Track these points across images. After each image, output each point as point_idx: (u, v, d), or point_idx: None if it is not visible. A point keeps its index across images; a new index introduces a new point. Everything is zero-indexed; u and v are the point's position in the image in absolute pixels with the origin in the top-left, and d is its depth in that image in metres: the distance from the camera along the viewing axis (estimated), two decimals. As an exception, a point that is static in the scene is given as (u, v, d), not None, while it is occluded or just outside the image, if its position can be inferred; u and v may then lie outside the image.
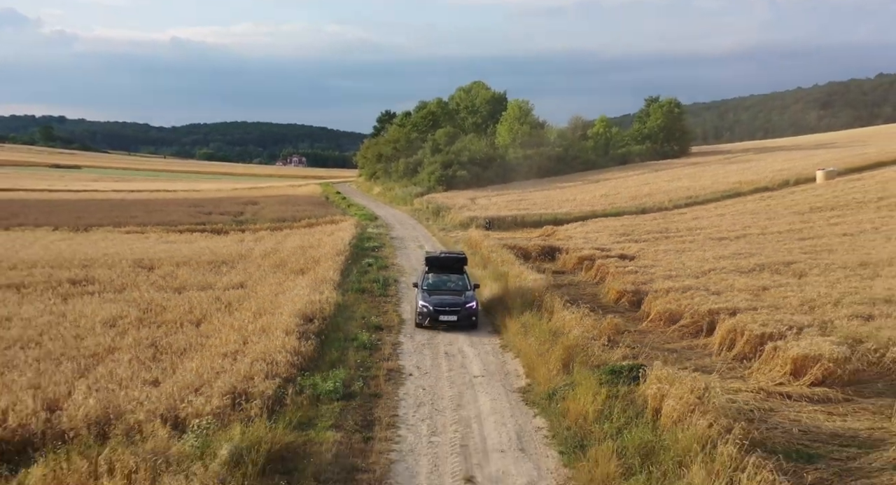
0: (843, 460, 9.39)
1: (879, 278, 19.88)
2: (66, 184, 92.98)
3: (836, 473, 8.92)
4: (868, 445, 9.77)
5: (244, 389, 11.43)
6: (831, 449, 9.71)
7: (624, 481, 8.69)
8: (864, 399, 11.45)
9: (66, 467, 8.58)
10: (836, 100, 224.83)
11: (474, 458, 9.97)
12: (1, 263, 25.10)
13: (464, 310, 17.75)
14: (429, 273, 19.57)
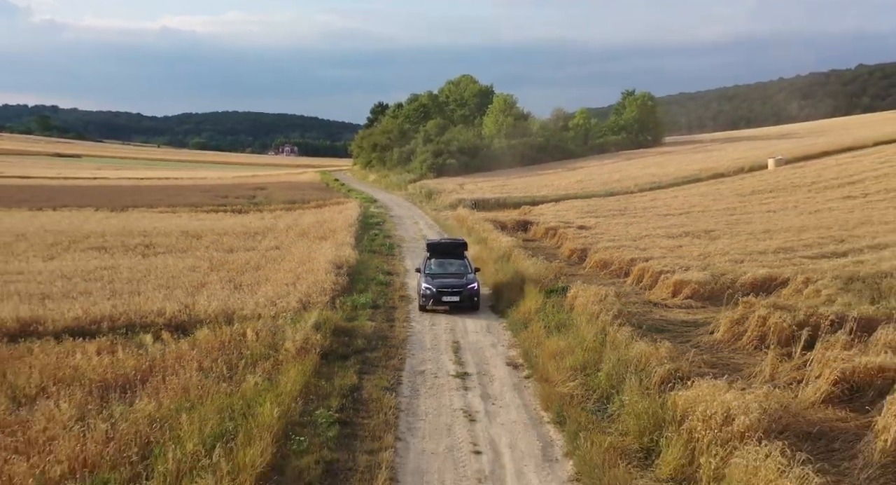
0: (681, 333, 15.59)
1: (771, 240, 26.12)
2: (74, 172, 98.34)
3: (673, 335, 15.11)
4: (699, 326, 15.98)
5: (307, 300, 17.54)
6: (677, 327, 15.92)
7: (546, 338, 14.89)
8: (712, 306, 17.64)
9: (218, 331, 14.69)
10: (816, 90, 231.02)
11: (459, 335, 16.18)
12: (76, 234, 31.09)
13: (466, 291, 18.87)
14: (430, 259, 20.54)
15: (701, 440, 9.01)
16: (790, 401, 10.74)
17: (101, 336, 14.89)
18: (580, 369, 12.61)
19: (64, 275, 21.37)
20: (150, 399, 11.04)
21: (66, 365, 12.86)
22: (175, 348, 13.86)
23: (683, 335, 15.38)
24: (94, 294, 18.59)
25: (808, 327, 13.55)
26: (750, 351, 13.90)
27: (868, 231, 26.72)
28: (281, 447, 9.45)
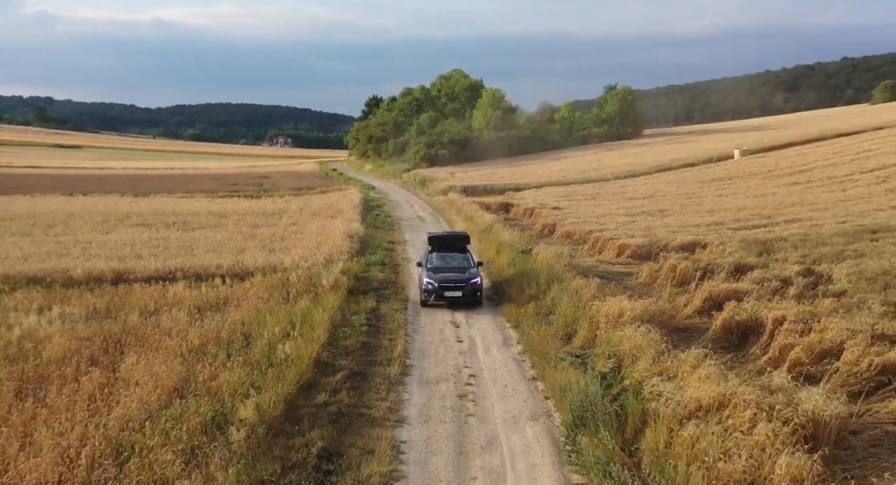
0: (617, 279, 20.77)
1: (711, 217, 31.33)
2: (78, 162, 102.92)
3: (609, 280, 20.29)
4: (631, 274, 21.17)
5: (330, 257, 22.66)
6: (614, 276, 21.11)
7: (514, 279, 20.08)
8: (644, 262, 22.84)
9: (268, 277, 19.81)
10: (801, 83, 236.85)
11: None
12: (117, 214, 36.10)
13: (468, 286, 18.78)
14: (432, 253, 20.53)
15: (601, 326, 14.24)
16: (674, 312, 15.98)
17: (178, 282, 19.97)
18: (535, 297, 17.82)
19: (126, 243, 26.41)
20: (236, 313, 16.17)
21: (165, 296, 17.98)
22: (239, 287, 18.98)
23: (618, 280, 20.57)
24: (159, 255, 23.65)
25: (704, 271, 18.82)
26: (661, 287, 19.14)
27: (794, 210, 32.01)
28: (331, 335, 14.63)
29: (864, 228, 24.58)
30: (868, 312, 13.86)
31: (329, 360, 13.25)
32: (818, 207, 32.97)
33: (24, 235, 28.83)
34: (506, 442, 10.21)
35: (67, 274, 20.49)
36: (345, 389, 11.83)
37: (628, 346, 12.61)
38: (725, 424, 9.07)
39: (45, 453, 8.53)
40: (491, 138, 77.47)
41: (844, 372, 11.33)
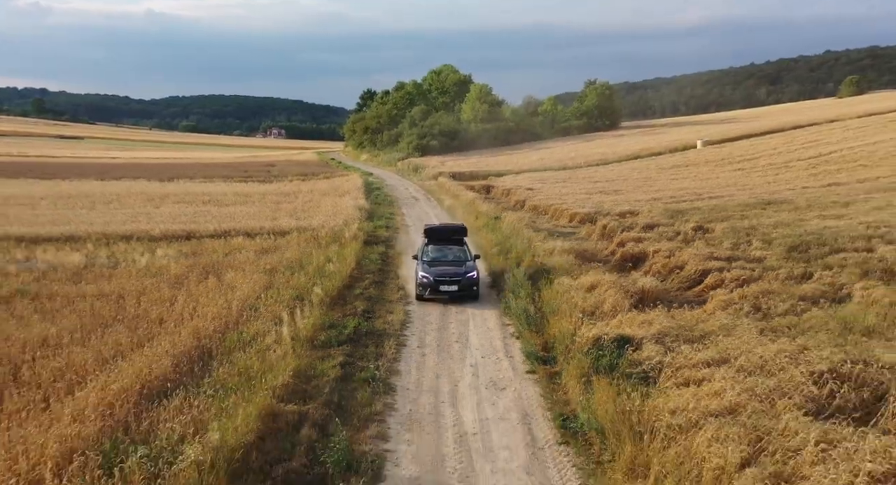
0: (564, 236, 27.85)
1: (654, 195, 38.37)
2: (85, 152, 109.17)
3: (559, 235, 27.34)
4: (575, 233, 28.24)
5: (346, 222, 29.61)
6: (563, 233, 28.19)
7: (486, 235, 27.10)
8: (587, 224, 29.83)
9: (301, 233, 26.77)
10: (784, 75, 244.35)
11: None
12: (156, 194, 42.88)
13: (465, 280, 18.67)
14: (428, 245, 20.49)
15: (540, 255, 21.28)
16: (596, 251, 23.04)
17: (234, 237, 26.86)
18: (500, 244, 24.85)
19: (178, 214, 33.29)
20: (284, 254, 23.10)
21: (230, 245, 24.90)
22: (282, 239, 25.92)
23: (564, 236, 27.61)
24: (211, 221, 30.53)
25: (625, 228, 25.89)
26: (594, 240, 26.19)
27: (723, 190, 39.10)
28: (357, 264, 21.64)
29: (762, 201, 31.78)
30: (718, 246, 21.00)
31: (358, 275, 20.29)
32: (745, 187, 40.09)
33: (91, 209, 35.65)
34: (470, 307, 17.29)
35: (148, 233, 27.38)
36: (371, 287, 18.91)
37: (553, 263, 19.65)
38: (593, 292, 16.14)
39: (213, 306, 15.50)
40: (478, 130, 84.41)
41: (683, 275, 18.45)
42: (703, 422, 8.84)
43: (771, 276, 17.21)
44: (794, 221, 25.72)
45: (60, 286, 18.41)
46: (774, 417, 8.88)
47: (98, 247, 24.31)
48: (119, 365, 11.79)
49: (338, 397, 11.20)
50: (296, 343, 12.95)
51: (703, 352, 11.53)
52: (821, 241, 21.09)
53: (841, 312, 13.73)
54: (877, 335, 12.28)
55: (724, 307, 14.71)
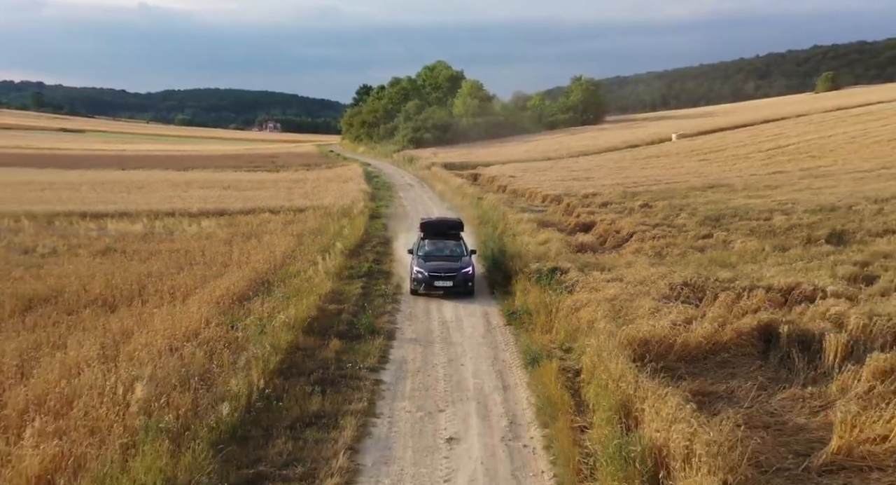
0: (535, 212, 33.60)
1: (620, 180, 44.07)
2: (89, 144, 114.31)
3: (531, 211, 33.07)
4: (544, 210, 33.99)
5: (353, 202, 35.32)
6: (534, 210, 33.93)
7: (470, 210, 32.88)
8: (558, 203, 35.55)
9: (316, 210, 32.49)
10: (773, 70, 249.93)
11: (429, 206, 34.21)
12: (180, 181, 48.43)
13: (460, 275, 18.70)
14: (424, 240, 20.52)
15: (511, 224, 27.03)
16: (557, 222, 28.80)
17: (260, 213, 32.46)
18: (481, 217, 30.59)
19: (205, 196, 38.89)
20: (305, 225, 28.77)
21: (259, 218, 30.56)
22: (301, 215, 31.60)
23: (533, 212, 33.34)
24: (237, 202, 36.15)
25: (585, 206, 31.67)
26: (558, 215, 31.92)
27: (682, 177, 44.87)
28: (366, 230, 27.39)
29: (707, 185, 37.62)
30: (652, 217, 26.80)
31: (366, 238, 26.13)
32: (701, 175, 45.85)
33: (128, 193, 41.27)
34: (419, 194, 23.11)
35: (187, 210, 33.01)
36: (377, 245, 24.80)
37: (520, 229, 25.43)
38: (545, 244, 21.90)
39: (261, 255, 21.22)
40: (469, 124, 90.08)
41: (618, 237, 24.25)
42: (589, 305, 14.61)
43: (681, 236, 23.03)
44: (723, 199, 31.56)
45: (137, 245, 24.07)
46: (634, 301, 14.66)
47: (151, 220, 29.92)
48: (211, 284, 17.49)
49: (362, 302, 17.02)
50: (328, 275, 18.67)
51: (606, 274, 17.32)
52: (734, 213, 26.96)
53: (713, 255, 19.55)
54: (729, 266, 18.05)
55: (634, 253, 20.53)
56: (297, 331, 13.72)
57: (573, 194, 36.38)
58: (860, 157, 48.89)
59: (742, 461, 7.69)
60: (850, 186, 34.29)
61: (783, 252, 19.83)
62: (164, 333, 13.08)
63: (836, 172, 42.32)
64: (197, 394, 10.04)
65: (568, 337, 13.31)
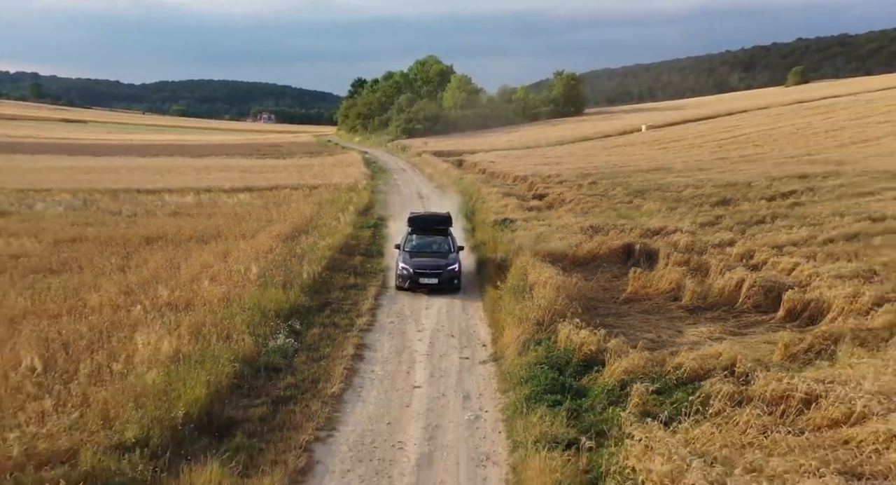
0: (504, 187, 41.65)
1: (585, 165, 52.09)
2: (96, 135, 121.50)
3: (500, 187, 41.09)
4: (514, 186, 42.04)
5: (357, 181, 43.30)
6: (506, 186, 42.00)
7: (451, 187, 40.90)
8: (523, 182, 43.54)
9: (328, 187, 40.52)
10: (757, 62, 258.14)
11: (416, 186, 42.24)
12: (197, 167, 56.25)
13: (445, 272, 18.84)
14: (412, 235, 20.53)
15: (482, 195, 35.08)
16: (521, 195, 36.87)
17: (282, 190, 40.32)
18: (461, 191, 38.60)
19: (228, 178, 46.67)
20: (321, 196, 36.72)
21: (282, 192, 38.48)
22: (315, 190, 39.52)
23: (503, 187, 41.29)
24: (258, 182, 43.96)
25: (546, 184, 39.76)
26: (522, 190, 39.93)
27: (637, 163, 53.00)
28: (369, 199, 35.46)
29: (652, 168, 45.70)
30: (594, 190, 34.90)
31: (370, 204, 34.34)
32: (654, 160, 53.90)
33: (162, 175, 48.97)
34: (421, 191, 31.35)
35: (220, 187, 40.81)
36: (380, 209, 32.88)
37: (488, 198, 33.47)
38: (505, 207, 29.96)
39: (294, 215, 29.23)
40: (458, 115, 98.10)
41: (561, 202, 32.33)
42: (522, 237, 22.65)
43: (606, 202, 31.12)
44: (657, 178, 39.61)
45: (196, 210, 31.94)
46: (552, 235, 22.71)
47: (196, 194, 37.79)
48: (265, 230, 25.44)
49: (372, 239, 25.27)
50: (347, 224, 26.70)
51: (541, 222, 25.40)
52: (657, 187, 35.04)
53: (622, 211, 27.66)
54: (629, 218, 26.10)
55: (567, 211, 28.64)
56: (334, 251, 21.76)
57: (538, 175, 44.38)
58: (794, 146, 57.10)
59: (574, 289, 15.74)
60: (766, 169, 42.40)
61: (673, 211, 27.94)
62: (250, 251, 21.08)
63: (767, 158, 50.44)
64: (286, 272, 18.06)
65: (504, 253, 21.29)
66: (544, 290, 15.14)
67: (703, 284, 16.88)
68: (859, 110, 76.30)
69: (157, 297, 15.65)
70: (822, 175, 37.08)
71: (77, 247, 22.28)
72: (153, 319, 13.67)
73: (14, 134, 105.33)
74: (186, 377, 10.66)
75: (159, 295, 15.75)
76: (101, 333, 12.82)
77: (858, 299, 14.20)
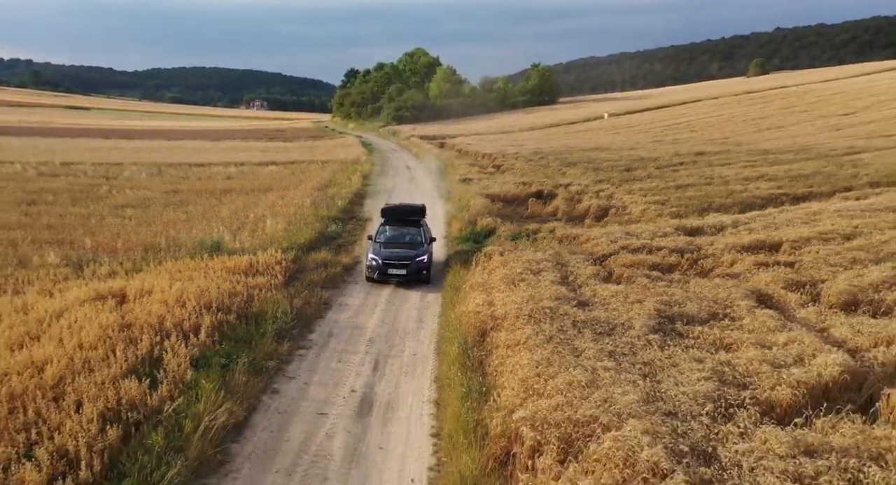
0: (472, 162, 54.29)
1: (544, 145, 64.69)
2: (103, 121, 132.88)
3: (469, 162, 53.73)
4: (480, 162, 54.72)
5: (357, 157, 55.78)
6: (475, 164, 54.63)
7: (428, 163, 53.54)
8: (489, 159, 56.05)
9: (335, 163, 53.05)
10: (736, 51, 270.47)
11: (404, 161, 54.96)
12: (219, 148, 68.55)
13: (414, 264, 19.41)
14: (385, 225, 21.39)
15: (455, 167, 47.66)
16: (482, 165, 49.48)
17: (299, 164, 52.68)
18: (440, 165, 51.15)
19: (253, 157, 59.02)
20: (332, 168, 49.21)
21: (303, 165, 50.95)
22: (327, 163, 51.97)
23: (472, 161, 53.79)
24: (279, 158, 56.32)
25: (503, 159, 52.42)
26: (485, 163, 52.47)
27: (585, 144, 65.66)
28: (370, 170, 48.07)
29: (593, 148, 58.39)
30: (540, 162, 47.59)
31: (369, 172, 46.83)
32: (600, 143, 66.60)
33: (197, 154, 61.21)
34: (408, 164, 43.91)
35: (250, 161, 53.14)
36: (377, 176, 45.30)
37: (458, 167, 46.05)
38: (469, 172, 42.55)
39: (316, 178, 41.77)
40: (443, 104, 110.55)
41: (513, 171, 45.01)
42: (475, 186, 35.24)
43: (542, 169, 43.72)
44: (590, 155, 52.25)
45: (241, 176, 44.27)
46: (494, 185, 35.33)
47: (236, 166, 50.07)
48: (300, 187, 37.89)
49: (374, 190, 37.81)
50: (356, 183, 39.28)
51: (490, 180, 38.01)
52: (587, 160, 47.72)
53: (547, 172, 40.32)
54: (552, 178, 38.69)
55: (511, 174, 41.23)
56: (351, 195, 34.50)
57: (501, 153, 56.88)
58: (721, 131, 70.00)
59: (493, 207, 28.43)
60: (680, 148, 55.06)
61: (584, 174, 40.60)
62: (297, 195, 33.67)
63: (691, 141, 63.18)
64: (326, 203, 30.68)
65: (460, 194, 33.82)
66: (475, 207, 27.84)
67: (572, 208, 29.61)
68: (791, 101, 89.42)
69: (256, 212, 28.26)
70: (714, 153, 49.91)
71: (180, 196, 34.73)
72: (266, 217, 26.28)
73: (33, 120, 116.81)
74: (295, 235, 23.27)
75: (257, 211, 28.35)
76: (244, 220, 25.50)
77: (646, 210, 27.00)
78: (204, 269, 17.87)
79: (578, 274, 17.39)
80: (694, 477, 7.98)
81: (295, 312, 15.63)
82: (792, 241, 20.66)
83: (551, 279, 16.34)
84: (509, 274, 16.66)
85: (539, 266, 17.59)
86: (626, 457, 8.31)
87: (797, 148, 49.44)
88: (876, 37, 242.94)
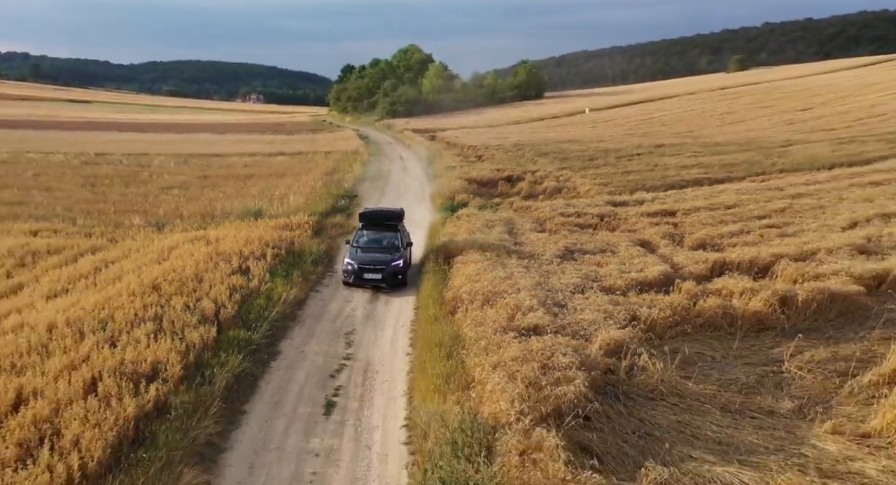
0: (460, 152, 61.80)
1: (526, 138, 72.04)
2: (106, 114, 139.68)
3: (455, 152, 61.23)
4: (465, 152, 62.22)
5: (356, 149, 63.20)
6: (461, 154, 62.18)
7: (417, 152, 61.08)
8: (473, 150, 63.51)
9: (334, 153, 60.58)
10: (726, 46, 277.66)
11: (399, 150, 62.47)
12: (226, 141, 75.94)
13: (389, 268, 20.01)
14: (362, 230, 21.80)
15: (443, 156, 55.17)
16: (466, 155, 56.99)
17: (305, 154, 60.09)
18: (429, 155, 58.62)
19: (263, 148, 66.36)
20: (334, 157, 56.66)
21: (308, 155, 58.39)
22: (331, 153, 59.38)
23: (457, 152, 61.23)
24: (286, 149, 63.70)
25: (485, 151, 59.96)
26: (470, 153, 59.91)
27: (562, 137, 73.17)
28: (368, 159, 55.58)
29: (567, 140, 65.91)
30: (516, 152, 55.14)
31: (368, 159, 54.37)
32: (575, 135, 74.12)
33: (208, 145, 68.44)
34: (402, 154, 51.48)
35: (261, 152, 60.50)
36: (375, 163, 52.80)
37: (445, 157, 53.53)
38: (453, 160, 50.10)
39: (323, 165, 49.31)
40: (435, 99, 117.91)
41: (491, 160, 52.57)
42: (457, 171, 42.76)
43: (518, 158, 51.20)
44: (563, 146, 59.76)
45: (257, 164, 51.58)
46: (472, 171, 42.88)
47: (250, 156, 57.36)
48: (310, 172, 45.32)
49: (374, 173, 45.36)
50: (357, 168, 46.77)
51: (470, 167, 45.52)
52: (558, 151, 55.25)
53: (520, 161, 47.82)
54: (523, 165, 46.18)
55: (490, 162, 48.72)
56: (354, 178, 41.93)
57: (485, 145, 64.27)
58: (687, 125, 77.55)
59: (469, 187, 35.93)
60: (643, 141, 62.60)
61: (552, 163, 48.05)
62: (310, 179, 41.11)
63: (658, 134, 70.59)
64: (335, 184, 38.18)
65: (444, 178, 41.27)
66: (455, 187, 35.42)
67: (533, 189, 37.17)
68: (759, 97, 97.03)
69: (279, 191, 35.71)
70: (671, 145, 57.47)
71: (211, 180, 42.14)
72: (288, 194, 33.76)
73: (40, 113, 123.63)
74: (313, 206, 30.80)
75: (280, 190, 35.81)
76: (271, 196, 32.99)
77: (590, 189, 34.57)
78: (255, 226, 25.36)
79: (520, 228, 24.98)
80: (549, 311, 15.55)
81: (322, 251, 23.19)
82: (686, 209, 28.35)
83: (500, 230, 23.97)
84: (471, 227, 24.31)
85: (493, 223, 25.22)
86: (517, 304, 15.88)
87: (744, 141, 57.03)
88: (862, 31, 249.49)
